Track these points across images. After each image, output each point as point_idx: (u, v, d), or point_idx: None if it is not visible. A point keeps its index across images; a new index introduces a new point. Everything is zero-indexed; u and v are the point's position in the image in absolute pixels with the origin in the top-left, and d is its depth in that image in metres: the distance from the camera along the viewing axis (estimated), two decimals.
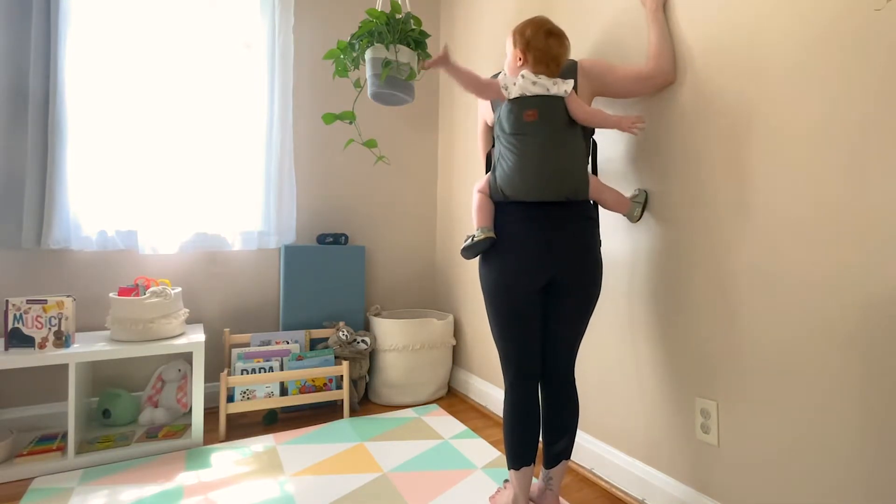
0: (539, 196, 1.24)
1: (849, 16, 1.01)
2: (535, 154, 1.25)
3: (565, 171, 1.25)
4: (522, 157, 1.25)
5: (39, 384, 1.94)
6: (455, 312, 2.60)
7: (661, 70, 1.36)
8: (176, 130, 2.15)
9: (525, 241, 1.26)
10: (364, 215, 2.66)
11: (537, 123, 1.25)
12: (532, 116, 1.26)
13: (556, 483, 1.34)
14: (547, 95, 1.26)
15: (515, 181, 1.25)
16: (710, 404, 1.29)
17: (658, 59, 1.36)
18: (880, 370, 0.97)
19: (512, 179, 1.26)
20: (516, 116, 1.27)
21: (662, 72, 1.36)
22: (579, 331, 1.34)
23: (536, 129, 1.25)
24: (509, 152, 1.27)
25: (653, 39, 1.38)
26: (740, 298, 1.22)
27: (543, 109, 1.26)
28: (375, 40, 1.54)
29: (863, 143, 0.99)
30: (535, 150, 1.25)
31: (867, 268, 0.99)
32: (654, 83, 1.38)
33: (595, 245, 1.31)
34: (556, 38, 1.31)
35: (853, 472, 1.01)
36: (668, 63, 1.36)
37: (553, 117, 1.26)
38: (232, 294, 2.31)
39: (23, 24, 1.90)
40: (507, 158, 1.28)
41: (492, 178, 1.33)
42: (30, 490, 1.50)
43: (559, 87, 1.26)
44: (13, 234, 1.89)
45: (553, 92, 1.26)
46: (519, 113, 1.27)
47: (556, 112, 1.26)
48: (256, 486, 1.54)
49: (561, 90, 1.26)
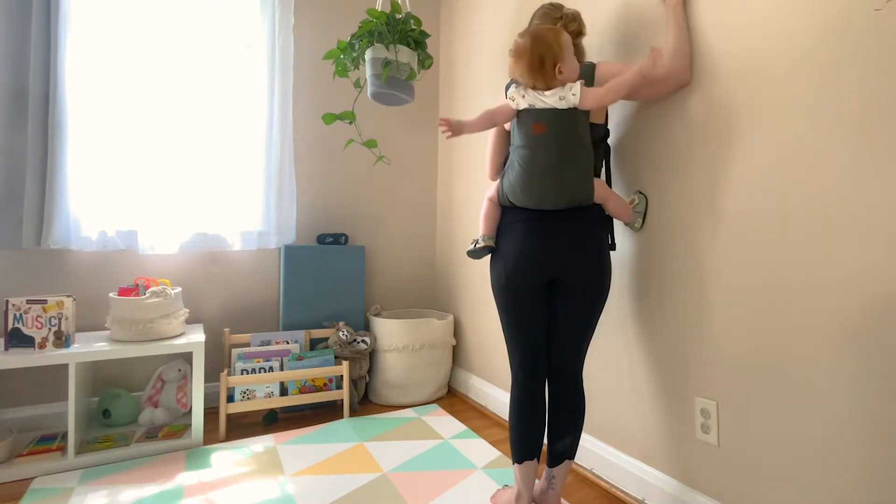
0: (540, 206, 1.26)
1: (849, 16, 1.02)
2: (541, 169, 1.23)
3: (570, 185, 1.23)
4: (528, 170, 1.24)
5: (39, 384, 1.94)
6: (455, 312, 2.60)
7: (675, 72, 1.31)
8: (176, 130, 2.15)
9: (526, 241, 1.28)
10: (364, 215, 2.66)
11: (544, 137, 1.23)
12: (540, 130, 1.23)
13: (559, 483, 1.34)
14: (556, 109, 1.22)
15: (518, 193, 1.26)
16: (710, 404, 1.29)
17: (673, 60, 1.31)
18: (880, 369, 0.97)
19: (515, 190, 1.27)
20: (525, 129, 1.25)
21: (677, 74, 1.31)
22: (583, 332, 1.32)
23: (544, 143, 1.23)
24: (517, 164, 1.27)
25: (670, 38, 1.33)
26: (740, 298, 1.22)
27: (552, 123, 1.23)
28: (375, 40, 1.54)
29: (863, 144, 0.99)
30: (541, 166, 1.23)
31: (868, 268, 0.99)
32: (668, 86, 1.34)
33: (598, 247, 1.29)
34: (526, 57, 1.24)
35: (853, 472, 1.01)
36: (684, 64, 1.31)
37: (561, 130, 1.22)
38: (232, 294, 2.31)
39: (23, 24, 1.90)
40: (514, 169, 1.28)
41: (500, 184, 1.33)
42: (30, 490, 1.50)
43: (568, 99, 1.21)
44: (13, 234, 1.89)
45: (562, 105, 1.22)
46: (528, 125, 1.25)
47: (565, 125, 1.23)
48: (256, 486, 1.54)
49: (570, 102, 1.21)
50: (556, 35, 1.25)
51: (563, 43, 1.24)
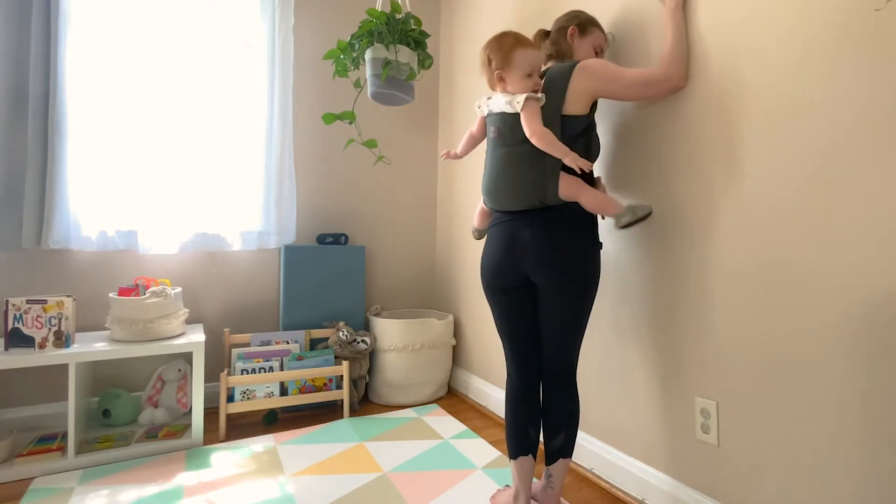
0: (504, 207, 1.32)
1: (849, 16, 1.02)
2: (497, 169, 1.32)
3: (524, 187, 1.27)
4: (488, 172, 1.35)
5: (39, 384, 1.94)
6: (455, 312, 2.60)
7: (671, 75, 1.31)
8: (176, 130, 2.15)
9: (497, 243, 1.35)
10: (364, 215, 2.66)
11: (499, 141, 1.32)
12: (494, 133, 1.33)
13: (557, 481, 1.34)
14: (505, 113, 1.29)
15: (484, 195, 1.38)
16: (710, 404, 1.29)
17: (669, 63, 1.31)
18: (880, 369, 0.97)
19: (484, 191, 1.37)
20: (489, 133, 1.36)
21: (672, 77, 1.31)
22: (569, 329, 1.30)
23: (499, 145, 1.32)
24: (484, 166, 1.38)
25: (668, 41, 1.33)
26: (740, 298, 1.22)
27: (503, 126, 1.30)
28: (375, 40, 1.54)
29: (863, 143, 0.99)
30: (497, 166, 1.32)
31: (868, 267, 0.99)
32: (662, 88, 1.33)
33: (572, 245, 1.26)
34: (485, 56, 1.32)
35: (853, 472, 1.01)
36: (680, 68, 1.32)
37: (513, 134, 1.28)
38: (232, 294, 2.31)
39: (23, 24, 1.90)
40: (484, 172, 1.38)
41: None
42: (30, 490, 1.50)
43: (513, 106, 1.26)
44: (13, 234, 1.89)
45: (509, 110, 1.28)
46: (490, 130, 1.36)
47: (514, 128, 1.28)
48: (256, 487, 1.54)
49: (515, 109, 1.26)
50: (509, 45, 1.27)
51: (512, 57, 1.26)
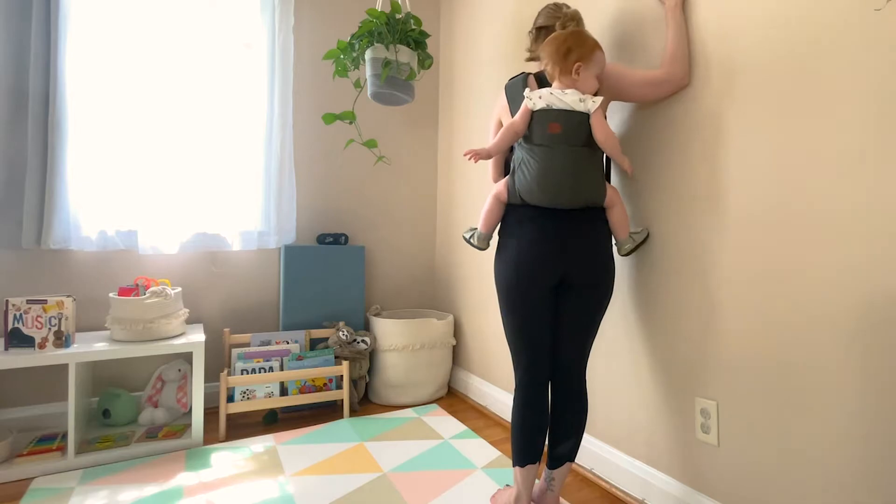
0: (555, 205, 1.27)
1: (849, 16, 1.02)
2: (556, 166, 1.26)
3: (583, 184, 1.26)
4: (544, 167, 1.27)
5: (39, 384, 1.94)
6: (455, 312, 2.60)
7: (673, 74, 1.33)
8: (176, 130, 2.15)
9: (538, 238, 1.28)
10: (364, 215, 2.66)
11: (560, 136, 1.26)
12: (556, 129, 1.27)
13: (558, 484, 1.34)
14: (574, 111, 1.26)
15: (534, 189, 1.27)
16: (710, 404, 1.29)
17: (671, 63, 1.33)
18: (880, 369, 0.97)
19: (530, 187, 1.28)
20: (541, 128, 1.28)
21: (674, 76, 1.33)
22: (588, 333, 1.33)
23: (558, 142, 1.26)
24: (533, 160, 1.28)
25: (669, 41, 1.35)
26: (740, 298, 1.22)
27: (567, 125, 1.26)
28: (375, 40, 1.54)
29: (863, 143, 0.99)
30: (556, 163, 1.26)
31: (868, 268, 0.99)
32: (665, 88, 1.36)
33: (608, 248, 1.32)
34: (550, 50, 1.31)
35: (854, 472, 1.01)
36: (682, 67, 1.33)
37: (577, 131, 1.26)
38: (232, 294, 2.31)
39: (23, 24, 1.90)
40: (530, 166, 1.29)
41: (510, 181, 1.33)
42: (30, 490, 1.50)
43: (587, 105, 1.25)
44: (13, 234, 1.89)
45: (580, 108, 1.26)
46: (544, 125, 1.28)
47: (580, 126, 1.26)
48: (256, 487, 1.54)
49: (587, 108, 1.25)
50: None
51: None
